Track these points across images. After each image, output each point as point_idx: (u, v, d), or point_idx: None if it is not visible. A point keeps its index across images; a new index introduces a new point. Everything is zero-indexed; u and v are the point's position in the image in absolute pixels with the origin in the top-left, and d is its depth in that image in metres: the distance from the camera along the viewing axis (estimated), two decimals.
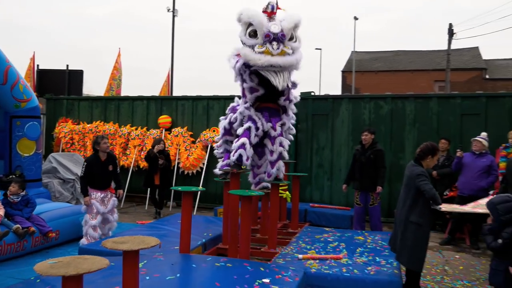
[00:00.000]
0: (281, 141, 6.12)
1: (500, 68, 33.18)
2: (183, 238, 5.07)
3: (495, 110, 8.43)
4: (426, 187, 4.51)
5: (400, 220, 4.82)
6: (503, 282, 3.91)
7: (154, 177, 9.22)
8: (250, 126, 5.84)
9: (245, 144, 5.73)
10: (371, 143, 7.44)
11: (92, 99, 12.28)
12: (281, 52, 5.36)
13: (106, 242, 3.32)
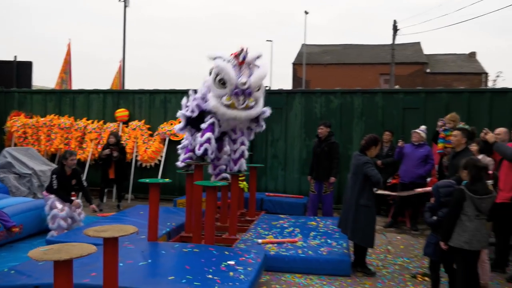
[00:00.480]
0: (243, 141, 6.68)
1: (440, 63, 35.14)
2: (151, 227, 5.40)
3: (433, 105, 9.23)
4: (373, 173, 5.19)
5: (350, 204, 5.40)
6: (433, 252, 4.57)
7: (108, 172, 9.36)
8: (214, 121, 6.19)
9: (210, 139, 6.11)
10: (327, 136, 8.01)
11: (46, 92, 12.16)
12: (246, 105, 5.90)
13: (88, 230, 3.62)
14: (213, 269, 4.40)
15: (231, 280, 4.12)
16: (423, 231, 7.71)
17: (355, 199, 5.35)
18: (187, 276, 4.15)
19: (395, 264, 5.86)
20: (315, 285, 5.00)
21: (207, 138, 6.12)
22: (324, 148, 7.93)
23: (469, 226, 4.21)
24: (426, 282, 5.12)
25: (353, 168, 5.54)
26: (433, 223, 4.57)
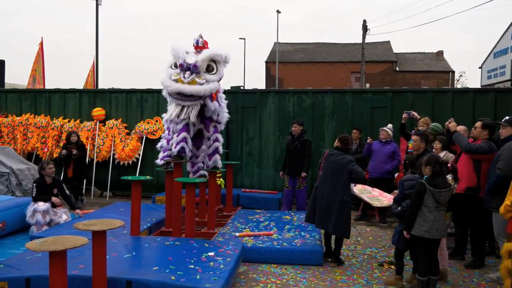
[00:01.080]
0: (216, 138, 7.09)
1: (408, 61, 36.17)
2: (133, 221, 5.65)
3: (399, 104, 9.71)
4: (359, 170, 5.62)
5: (332, 201, 5.67)
6: (397, 240, 4.99)
7: (67, 171, 9.44)
8: (189, 122, 6.51)
9: (186, 138, 6.45)
10: (300, 134, 8.37)
11: (21, 91, 12.12)
12: (192, 81, 6.02)
13: (77, 224, 3.87)
14: (194, 260, 4.70)
15: (212, 270, 4.43)
16: (391, 223, 8.19)
17: (340, 196, 5.60)
18: (170, 266, 4.43)
19: (364, 254, 6.28)
20: (289, 274, 5.36)
21: (183, 137, 6.46)
22: (297, 145, 8.30)
23: (429, 217, 4.62)
24: (392, 269, 5.54)
25: (334, 166, 5.74)
26: (397, 214, 4.99)
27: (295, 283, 5.08)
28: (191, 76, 6.01)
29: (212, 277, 4.21)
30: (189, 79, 5.99)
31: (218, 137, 7.12)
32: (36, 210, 6.81)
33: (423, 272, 4.72)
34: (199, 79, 6.05)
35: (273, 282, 5.08)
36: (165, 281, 4.06)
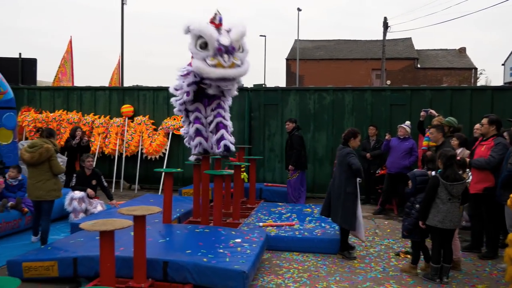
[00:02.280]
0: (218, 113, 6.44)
1: (430, 58, 35.97)
2: (165, 211, 6.10)
3: (418, 101, 9.95)
4: (354, 161, 5.85)
5: (338, 193, 6.02)
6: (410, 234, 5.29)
7: (74, 164, 9.57)
8: (198, 127, 6.45)
9: (201, 143, 6.51)
10: (291, 130, 8.90)
11: (54, 88, 12.76)
12: (232, 64, 5.80)
13: (121, 210, 4.33)
14: (223, 245, 5.11)
15: (239, 254, 4.84)
16: None
17: (343, 188, 5.92)
18: (201, 250, 4.86)
19: (381, 245, 6.60)
20: (310, 261, 5.73)
21: (198, 142, 6.46)
22: (288, 141, 8.91)
23: (442, 208, 4.94)
24: (408, 259, 5.85)
25: (338, 159, 6.14)
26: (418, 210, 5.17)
27: (315, 268, 5.45)
28: (230, 59, 5.77)
29: (240, 260, 4.61)
30: (229, 62, 5.75)
31: (220, 112, 6.47)
32: (72, 198, 7.36)
33: (436, 260, 5.04)
34: (236, 60, 5.84)
35: (295, 267, 5.46)
36: (198, 262, 4.49)
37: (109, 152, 11.29)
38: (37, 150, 5.96)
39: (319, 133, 10.53)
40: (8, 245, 6.17)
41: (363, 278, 5.16)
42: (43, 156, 5.96)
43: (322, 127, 10.51)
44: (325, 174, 10.46)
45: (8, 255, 5.61)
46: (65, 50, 16.95)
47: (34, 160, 5.95)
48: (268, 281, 5.00)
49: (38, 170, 6.02)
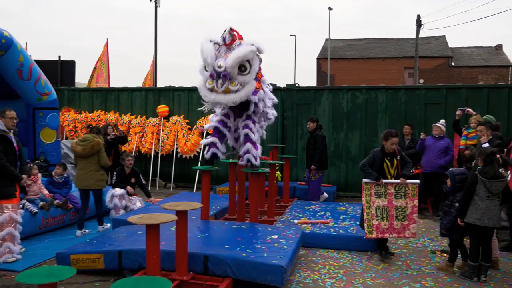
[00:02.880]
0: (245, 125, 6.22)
1: (465, 56, 35.17)
2: (204, 207, 6.27)
3: (453, 100, 9.84)
4: (360, 163, 5.97)
5: None
6: (449, 233, 5.29)
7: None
8: (217, 126, 6.32)
9: (216, 143, 6.25)
10: (314, 130, 8.86)
11: (93, 89, 13.20)
12: (226, 89, 5.59)
13: (164, 205, 4.52)
14: (260, 241, 5.24)
15: (276, 249, 4.95)
16: None
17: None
18: (240, 245, 5.00)
19: (417, 243, 6.59)
20: (346, 258, 5.79)
21: (211, 142, 6.28)
22: (310, 140, 8.82)
23: (481, 205, 4.92)
24: (444, 257, 5.85)
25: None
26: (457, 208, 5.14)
27: (351, 265, 5.51)
28: (224, 85, 5.59)
29: (277, 256, 4.73)
30: (222, 88, 5.59)
31: (248, 124, 6.21)
32: (113, 195, 7.63)
33: (474, 258, 5.01)
34: (232, 85, 5.62)
35: (331, 264, 5.54)
36: (237, 256, 4.63)
37: (145, 151, 11.61)
38: (89, 144, 6.67)
39: (352, 132, 10.54)
40: (54, 239, 6.48)
41: (399, 276, 5.19)
42: (94, 149, 6.68)
43: (355, 127, 10.51)
44: (358, 173, 10.41)
45: (55, 249, 5.93)
46: (101, 52, 17.50)
47: (85, 152, 6.66)
48: (304, 276, 5.10)
49: (88, 162, 6.73)
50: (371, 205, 5.80)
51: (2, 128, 5.45)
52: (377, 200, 5.81)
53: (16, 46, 7.90)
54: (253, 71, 5.80)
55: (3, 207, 5.40)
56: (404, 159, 6.03)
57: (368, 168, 5.86)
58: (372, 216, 5.74)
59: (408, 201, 5.81)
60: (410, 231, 5.75)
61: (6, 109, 5.64)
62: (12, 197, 5.49)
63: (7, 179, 5.41)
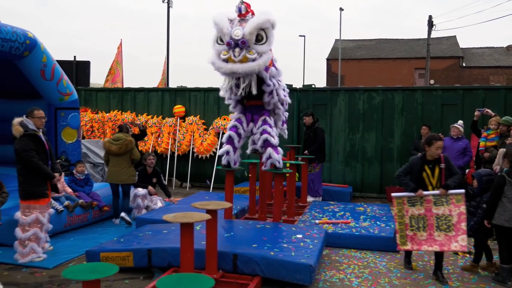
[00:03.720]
0: (263, 130, 6.20)
1: (476, 56, 34.97)
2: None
3: (470, 101, 9.85)
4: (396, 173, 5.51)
5: None
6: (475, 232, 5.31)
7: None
8: (231, 135, 6.27)
9: (229, 152, 6.24)
10: (312, 124, 9.06)
11: (109, 90, 13.33)
12: (243, 58, 5.42)
13: (195, 204, 4.59)
14: (286, 240, 5.30)
15: (303, 249, 5.01)
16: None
17: None
18: (267, 244, 5.07)
19: None
20: (369, 258, 5.84)
21: (225, 151, 6.26)
22: (310, 134, 8.97)
23: (509, 207, 4.89)
24: (466, 257, 5.88)
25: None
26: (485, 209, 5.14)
27: (375, 265, 5.56)
28: (242, 53, 5.42)
29: (305, 254, 4.79)
30: (240, 56, 5.42)
31: (266, 129, 6.17)
32: (136, 194, 7.74)
33: (506, 260, 4.97)
34: (250, 54, 5.45)
35: (355, 263, 5.59)
36: (266, 255, 4.69)
37: (162, 151, 11.72)
38: (123, 143, 7.42)
39: (368, 133, 10.57)
40: (79, 237, 6.58)
41: (425, 275, 5.23)
42: (128, 147, 7.44)
43: (371, 127, 10.54)
44: (374, 174, 10.51)
45: (81, 246, 6.06)
46: (116, 53, 17.65)
47: (121, 150, 7.41)
48: (330, 275, 5.15)
49: (121, 159, 7.45)
50: (404, 214, 5.15)
51: (32, 127, 5.53)
52: (411, 209, 5.14)
53: (39, 47, 8.01)
54: (269, 41, 5.64)
55: (31, 207, 5.46)
56: (451, 169, 5.24)
57: (404, 178, 5.29)
58: (405, 226, 5.16)
59: (453, 208, 5.04)
60: (459, 243, 4.98)
61: (34, 109, 5.72)
62: (44, 197, 5.57)
63: (39, 178, 5.48)
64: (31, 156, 5.33)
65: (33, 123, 5.57)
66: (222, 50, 5.53)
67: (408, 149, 9.91)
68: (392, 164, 10.39)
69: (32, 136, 5.45)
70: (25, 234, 5.43)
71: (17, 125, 5.44)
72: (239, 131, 6.27)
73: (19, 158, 5.38)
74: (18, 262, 5.37)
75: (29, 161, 5.33)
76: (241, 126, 6.28)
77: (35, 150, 5.42)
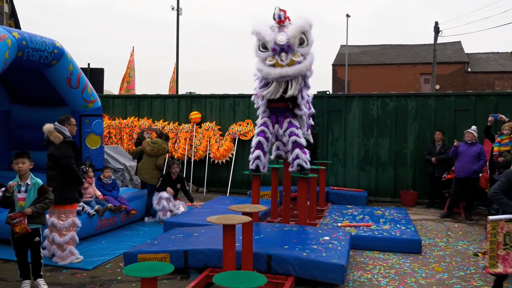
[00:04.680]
0: (291, 132, 6.35)
1: (481, 62, 35.20)
2: None
3: (482, 107, 10.07)
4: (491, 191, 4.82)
5: None
6: None
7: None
8: (260, 140, 6.52)
9: (259, 156, 6.53)
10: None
11: (126, 97, 13.60)
12: (290, 62, 5.75)
13: (231, 207, 4.83)
14: (315, 242, 5.52)
15: (332, 250, 5.23)
16: (477, 221, 8.62)
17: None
18: (297, 246, 5.28)
19: (457, 246, 6.82)
20: (392, 259, 6.05)
21: (256, 156, 6.50)
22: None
23: None
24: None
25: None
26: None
27: (400, 266, 5.77)
28: (288, 57, 5.74)
29: (335, 255, 5.01)
30: (287, 60, 5.74)
31: (293, 131, 6.34)
32: (161, 197, 7.98)
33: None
34: (296, 57, 5.77)
35: (380, 264, 5.80)
36: (299, 256, 4.91)
37: (179, 157, 11.96)
38: (157, 146, 8.35)
39: (382, 138, 10.79)
40: (110, 240, 6.80)
41: (449, 276, 5.43)
42: (159, 152, 8.35)
43: (385, 133, 10.76)
44: (388, 178, 10.72)
45: (113, 249, 6.31)
46: (128, 60, 17.97)
47: (153, 152, 8.33)
48: (358, 276, 5.36)
49: (151, 160, 8.34)
50: (498, 232, 4.37)
51: (68, 134, 5.75)
52: (508, 225, 4.35)
53: (66, 56, 8.27)
54: (310, 42, 5.99)
55: (67, 211, 5.66)
56: None
57: (502, 197, 4.65)
58: (498, 245, 4.37)
59: None
60: None
61: (69, 116, 5.96)
62: (77, 202, 5.81)
63: (72, 184, 5.70)
64: (71, 162, 5.52)
65: (69, 130, 5.80)
66: (267, 57, 5.84)
67: (422, 154, 10.13)
68: (405, 168, 10.61)
69: (71, 143, 5.67)
70: (63, 238, 5.63)
71: (55, 132, 5.60)
72: (266, 135, 6.51)
73: (58, 164, 5.52)
74: (58, 264, 5.59)
75: (69, 167, 5.50)
76: (268, 130, 6.51)
77: (74, 157, 5.64)
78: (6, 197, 4.46)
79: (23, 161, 4.63)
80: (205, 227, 6.37)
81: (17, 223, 4.38)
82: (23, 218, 4.41)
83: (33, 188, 4.61)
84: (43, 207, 4.61)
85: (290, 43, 5.74)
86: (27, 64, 7.55)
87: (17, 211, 4.48)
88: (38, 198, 4.59)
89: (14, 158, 4.68)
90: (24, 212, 4.43)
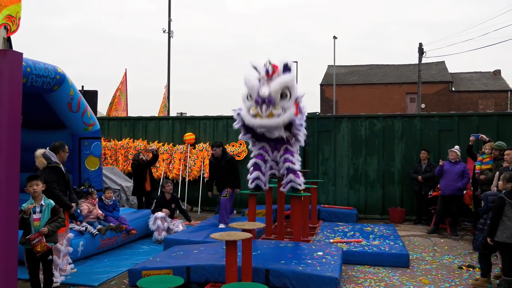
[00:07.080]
0: (285, 158, 6.83)
1: (464, 81, 36.23)
2: None
3: (465, 127, 10.58)
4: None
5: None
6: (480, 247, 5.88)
7: (145, 185, 10.08)
8: (258, 162, 6.90)
9: (259, 177, 6.90)
10: (222, 155, 8.80)
11: (121, 119, 13.92)
12: (269, 114, 6.18)
13: (232, 224, 5.16)
14: (309, 257, 5.85)
15: (325, 264, 5.56)
16: (462, 236, 9.02)
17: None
18: (293, 261, 5.62)
19: (443, 260, 7.20)
20: (382, 273, 6.39)
21: (256, 176, 6.87)
22: (224, 166, 8.69)
23: (510, 225, 5.47)
24: (470, 271, 6.46)
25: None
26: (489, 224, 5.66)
27: (389, 279, 6.12)
28: (268, 110, 6.15)
29: (329, 269, 5.34)
30: (266, 112, 6.16)
31: (288, 157, 6.83)
32: (156, 217, 8.27)
33: (508, 273, 5.54)
34: (275, 110, 6.18)
35: (371, 278, 6.15)
36: (296, 270, 5.24)
37: (173, 177, 12.25)
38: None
39: (370, 157, 11.23)
40: (112, 258, 7.06)
41: (435, 287, 5.79)
42: None
43: (373, 152, 11.21)
44: (376, 196, 11.13)
45: (116, 266, 6.58)
46: (119, 82, 18.28)
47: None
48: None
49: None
50: None
51: (55, 160, 5.86)
52: None
53: (67, 81, 8.61)
54: (293, 95, 6.39)
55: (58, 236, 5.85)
56: None
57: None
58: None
59: None
60: None
61: (64, 144, 6.20)
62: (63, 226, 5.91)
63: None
64: (53, 187, 5.64)
65: (59, 157, 5.94)
66: (251, 106, 6.31)
67: (408, 172, 10.57)
68: (393, 187, 11.04)
69: (54, 168, 5.79)
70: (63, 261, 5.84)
71: (40, 157, 5.75)
72: (265, 157, 6.91)
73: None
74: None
75: (51, 193, 5.54)
76: (266, 154, 6.91)
77: (56, 182, 5.74)
78: (23, 218, 4.74)
79: (36, 183, 4.93)
80: (204, 244, 6.69)
81: (37, 242, 4.68)
82: (42, 237, 4.71)
83: (47, 209, 4.91)
84: (57, 226, 4.91)
85: (271, 97, 6.16)
86: (30, 89, 7.86)
87: (33, 231, 4.77)
88: (52, 218, 4.89)
89: (28, 180, 4.97)
90: (41, 232, 4.74)
